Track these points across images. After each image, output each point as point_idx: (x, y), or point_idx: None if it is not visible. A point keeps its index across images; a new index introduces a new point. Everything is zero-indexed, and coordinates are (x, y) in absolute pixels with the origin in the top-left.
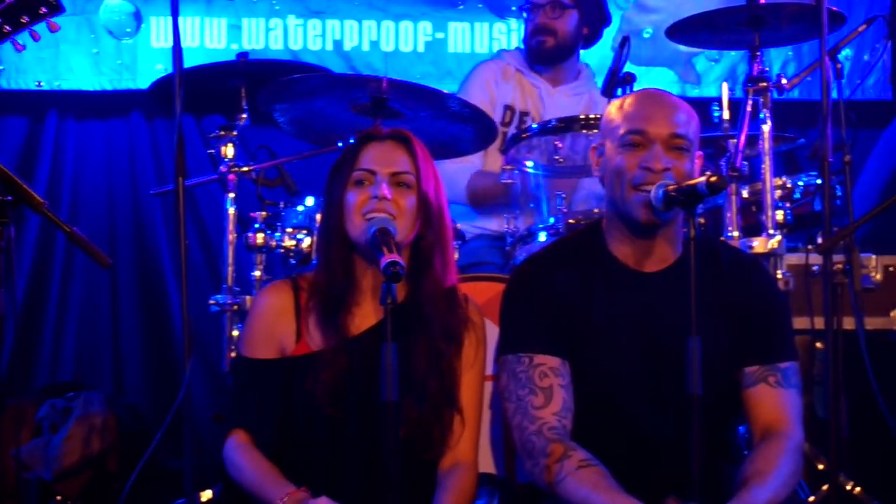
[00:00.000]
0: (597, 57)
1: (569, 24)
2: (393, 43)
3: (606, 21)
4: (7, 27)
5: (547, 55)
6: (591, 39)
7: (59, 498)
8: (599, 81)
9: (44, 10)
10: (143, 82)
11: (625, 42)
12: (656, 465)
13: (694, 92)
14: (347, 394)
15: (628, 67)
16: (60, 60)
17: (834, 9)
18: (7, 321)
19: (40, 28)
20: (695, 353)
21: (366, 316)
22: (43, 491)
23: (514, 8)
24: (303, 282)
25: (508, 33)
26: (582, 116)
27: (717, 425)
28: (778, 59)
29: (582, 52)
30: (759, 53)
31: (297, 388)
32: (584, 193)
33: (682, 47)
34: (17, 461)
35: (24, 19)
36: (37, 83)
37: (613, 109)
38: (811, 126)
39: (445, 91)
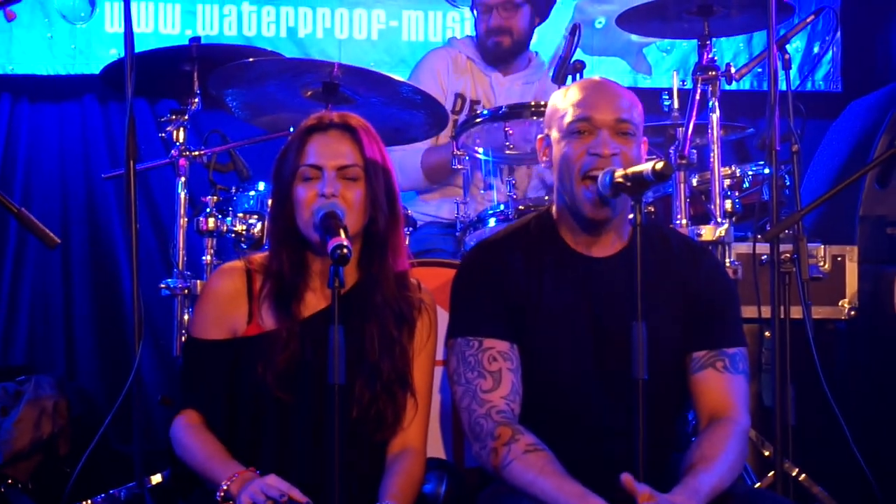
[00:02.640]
0: (548, 45)
1: (522, 20)
2: (347, 30)
3: (541, 13)
4: None
5: (504, 54)
6: (542, 19)
7: (9, 481)
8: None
9: None
10: (97, 67)
11: (575, 30)
12: (604, 450)
13: (646, 82)
14: (297, 376)
15: (581, 57)
16: (14, 44)
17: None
18: None
19: None
20: (640, 337)
21: (317, 299)
22: None
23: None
24: (255, 265)
25: (462, 22)
26: (532, 103)
27: (665, 411)
28: (730, 50)
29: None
30: (708, 43)
31: (248, 369)
32: (536, 181)
33: (635, 37)
34: None
35: None
36: None
37: (558, 99)
38: (762, 116)
39: (396, 77)
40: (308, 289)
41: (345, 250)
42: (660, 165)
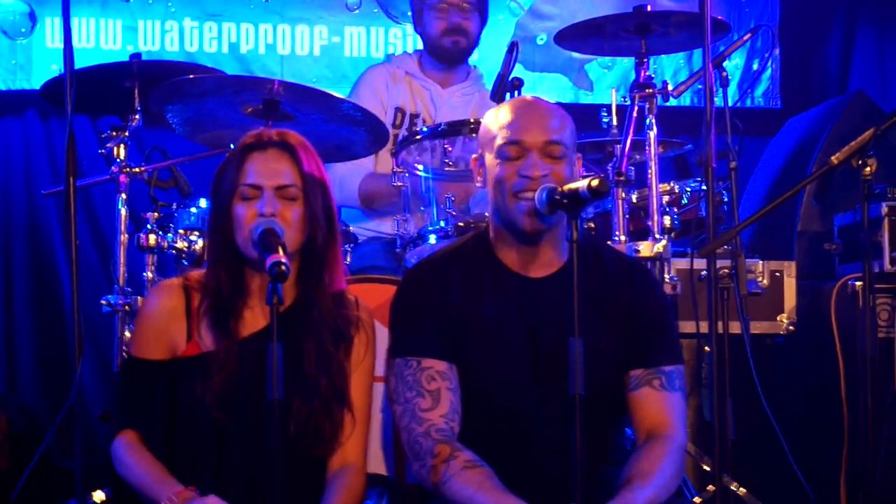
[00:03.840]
0: (488, 61)
1: (475, 25)
2: (289, 46)
3: (485, 22)
4: None
5: (458, 55)
6: (482, 26)
7: None
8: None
9: None
10: (38, 82)
11: (513, 47)
12: (542, 466)
13: (587, 99)
14: (235, 396)
15: (523, 73)
16: None
17: (719, 17)
18: None
19: None
20: (577, 354)
21: (255, 318)
22: None
23: (408, 13)
24: (193, 282)
25: (404, 38)
26: (472, 120)
27: (602, 427)
28: (670, 67)
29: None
30: (645, 60)
31: (186, 389)
32: (478, 197)
33: (576, 54)
34: None
35: None
36: None
37: (489, 120)
38: (701, 133)
39: (337, 94)
40: (246, 307)
41: (283, 267)
42: (595, 183)
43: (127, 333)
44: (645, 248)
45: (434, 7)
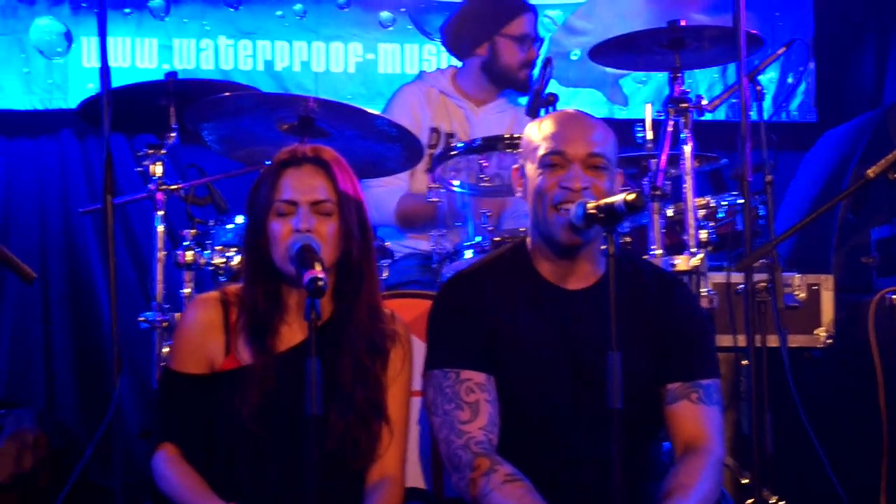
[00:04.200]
0: None
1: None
2: (324, 64)
3: None
4: None
5: (527, 85)
6: None
7: None
8: (521, 100)
9: None
10: (75, 102)
11: (547, 63)
12: (578, 480)
13: (622, 114)
14: (273, 410)
15: (556, 89)
16: None
17: (753, 32)
18: None
19: None
20: (615, 367)
21: (292, 333)
22: None
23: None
24: (231, 295)
25: (438, 54)
26: (506, 136)
27: (639, 442)
28: (704, 81)
29: None
30: (679, 75)
31: (224, 403)
32: (511, 212)
33: (610, 69)
34: None
35: None
36: None
37: (532, 131)
38: (736, 147)
39: (371, 110)
40: (283, 322)
41: (320, 283)
42: (631, 197)
43: (165, 350)
44: (681, 262)
45: (517, 39)
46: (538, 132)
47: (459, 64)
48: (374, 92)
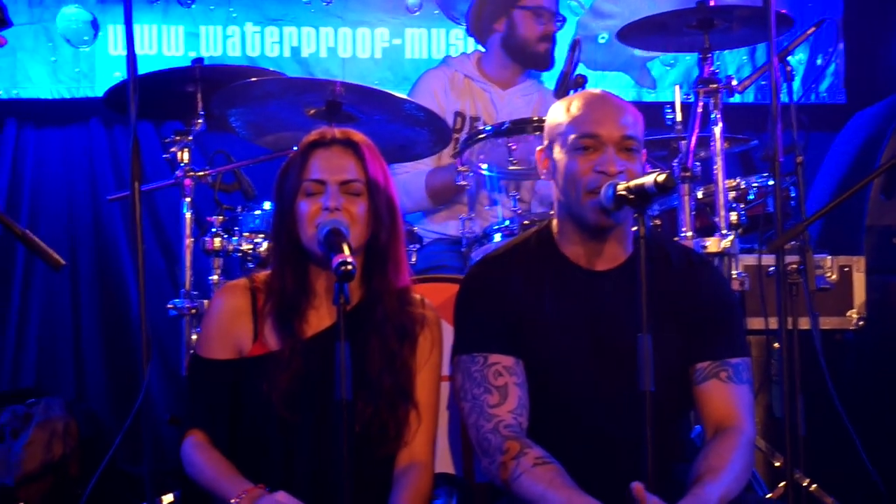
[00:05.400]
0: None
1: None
2: (350, 49)
3: None
4: None
5: (545, 61)
6: None
7: (20, 503)
8: (548, 84)
9: None
10: (102, 90)
11: (576, 45)
12: (609, 462)
13: (650, 96)
14: (301, 395)
15: (585, 73)
16: (18, 69)
17: (783, 11)
18: None
19: None
20: (646, 349)
21: (321, 318)
22: (4, 496)
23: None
24: (259, 282)
25: (465, 39)
26: (535, 118)
27: (667, 422)
28: (733, 63)
29: None
30: (709, 56)
31: (252, 389)
32: (540, 194)
33: (638, 52)
34: None
35: None
36: None
37: (559, 112)
38: (766, 128)
39: (398, 94)
40: (311, 306)
41: (349, 266)
42: (662, 178)
43: (194, 337)
44: (712, 244)
45: (533, 11)
46: (566, 113)
47: (484, 50)
48: (401, 77)
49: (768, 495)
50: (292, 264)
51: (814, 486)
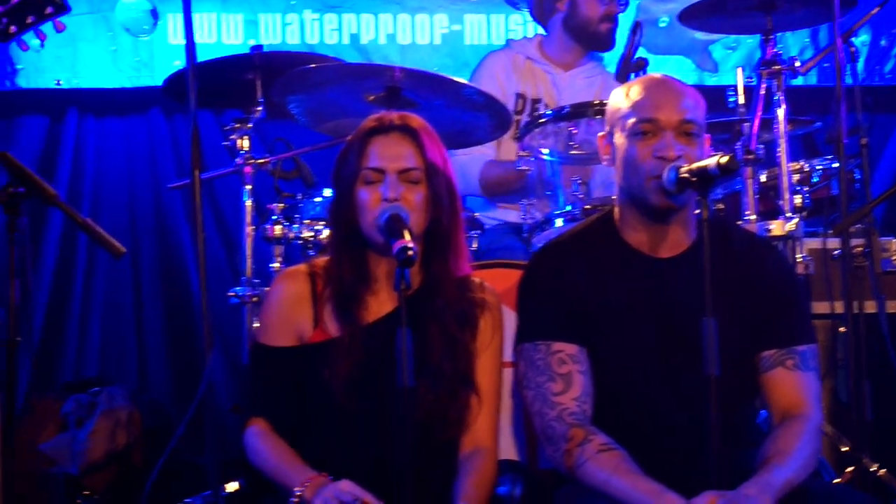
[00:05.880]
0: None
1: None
2: (409, 36)
3: None
4: (13, 27)
5: (608, 41)
6: None
7: (86, 492)
8: (610, 69)
9: (49, 9)
10: (161, 79)
11: (637, 27)
12: (672, 449)
13: (712, 80)
14: (362, 382)
15: (646, 56)
16: (79, 59)
17: None
18: (21, 312)
19: (47, 28)
20: (710, 333)
21: (381, 303)
22: (70, 485)
23: None
24: (318, 268)
25: (525, 24)
26: (596, 102)
27: (734, 408)
28: (795, 45)
29: None
30: (771, 37)
31: (313, 375)
32: (601, 179)
33: (699, 35)
34: (43, 456)
35: (30, 19)
36: (56, 82)
37: (619, 97)
38: (829, 111)
39: (457, 79)
40: (370, 292)
41: (410, 252)
42: (724, 160)
43: (255, 325)
44: (776, 228)
45: None
46: (626, 98)
47: (546, 34)
48: (461, 63)
49: (836, 480)
50: (351, 251)
51: (882, 470)
